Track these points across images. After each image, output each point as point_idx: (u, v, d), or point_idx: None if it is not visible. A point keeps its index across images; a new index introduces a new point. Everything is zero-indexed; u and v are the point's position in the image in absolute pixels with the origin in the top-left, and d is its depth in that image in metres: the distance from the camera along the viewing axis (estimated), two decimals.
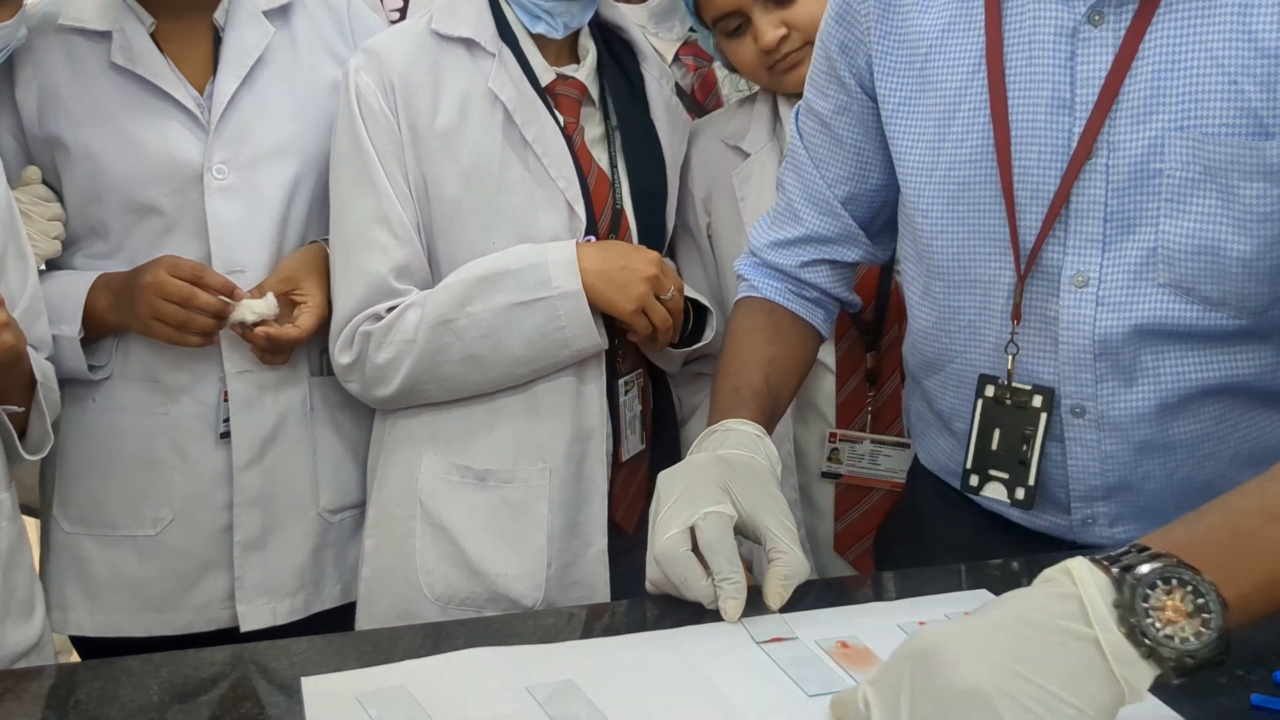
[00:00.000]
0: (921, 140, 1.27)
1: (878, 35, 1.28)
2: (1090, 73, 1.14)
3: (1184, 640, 0.78)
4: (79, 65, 1.62)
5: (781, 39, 1.65)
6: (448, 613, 1.63)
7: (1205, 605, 0.79)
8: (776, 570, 1.10)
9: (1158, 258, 1.14)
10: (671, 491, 1.14)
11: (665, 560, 1.10)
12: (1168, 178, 1.12)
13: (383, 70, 1.60)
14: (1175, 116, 1.10)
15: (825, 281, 1.44)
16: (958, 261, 1.26)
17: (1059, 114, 1.16)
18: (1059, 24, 1.15)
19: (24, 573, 1.41)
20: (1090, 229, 1.17)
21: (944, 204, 1.26)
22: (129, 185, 1.61)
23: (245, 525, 1.67)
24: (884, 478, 1.74)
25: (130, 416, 1.66)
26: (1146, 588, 0.79)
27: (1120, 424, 1.21)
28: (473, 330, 1.59)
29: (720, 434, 1.25)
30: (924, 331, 1.35)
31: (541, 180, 1.62)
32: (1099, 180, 1.15)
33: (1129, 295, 1.16)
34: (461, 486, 1.65)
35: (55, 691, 1.02)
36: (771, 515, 1.13)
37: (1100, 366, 1.20)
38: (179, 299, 1.56)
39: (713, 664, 1.01)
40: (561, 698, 0.96)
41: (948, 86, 1.24)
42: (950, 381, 1.33)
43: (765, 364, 1.36)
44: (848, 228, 1.41)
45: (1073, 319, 1.19)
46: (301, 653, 1.06)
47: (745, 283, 1.47)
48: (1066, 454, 1.24)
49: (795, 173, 1.43)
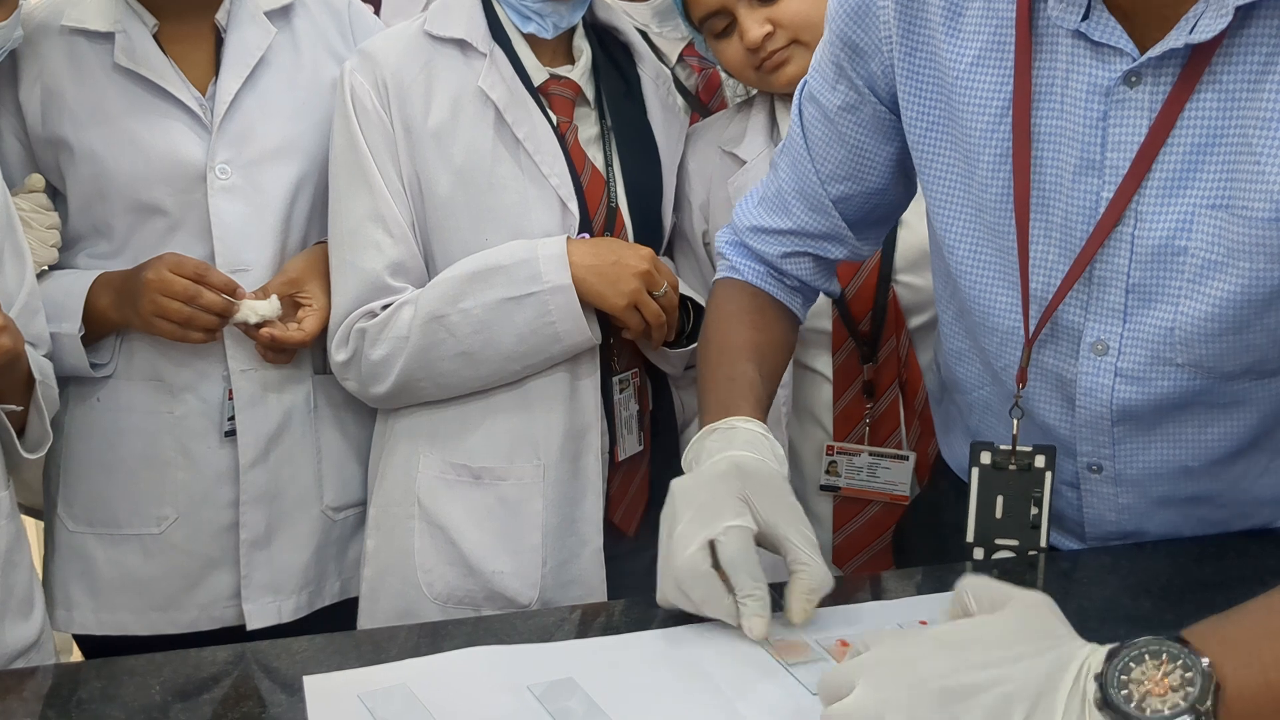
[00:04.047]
0: (951, 171, 1.21)
1: (902, 51, 1.21)
2: (1123, 137, 1.07)
3: (1155, 711, 0.76)
4: (82, 66, 1.63)
5: (767, 36, 1.64)
6: (447, 611, 1.64)
7: (1191, 679, 0.77)
8: (800, 584, 1.05)
9: (1175, 337, 1.10)
10: (689, 503, 1.08)
11: (686, 579, 1.04)
12: (1192, 256, 1.07)
13: (376, 71, 1.61)
14: (1206, 194, 1.05)
15: (806, 274, 1.40)
16: (977, 304, 1.22)
17: (1087, 175, 1.10)
18: (1093, 81, 1.08)
19: (23, 571, 1.41)
20: (1113, 298, 1.12)
21: (970, 245, 1.21)
22: (133, 185, 1.61)
23: (251, 523, 1.68)
24: (883, 490, 1.73)
25: (135, 415, 1.66)
26: (1131, 661, 0.78)
27: (1138, 481, 1.20)
28: (465, 326, 1.59)
29: (725, 432, 1.19)
30: (954, 352, 1.32)
31: (534, 178, 1.62)
32: (1124, 250, 1.10)
33: (1148, 370, 1.12)
34: (458, 485, 1.66)
35: (57, 691, 1.02)
36: (792, 526, 1.07)
37: (1119, 430, 1.17)
38: (183, 297, 1.56)
39: (713, 662, 1.01)
40: (562, 696, 0.96)
41: (974, 125, 1.16)
42: (976, 405, 1.31)
43: (756, 352, 1.31)
44: (835, 227, 1.36)
45: (1091, 386, 1.16)
46: (303, 651, 1.06)
47: (725, 261, 1.42)
48: (1083, 502, 1.23)
49: (790, 160, 1.37)
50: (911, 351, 1.71)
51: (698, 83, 2.03)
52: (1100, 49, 1.07)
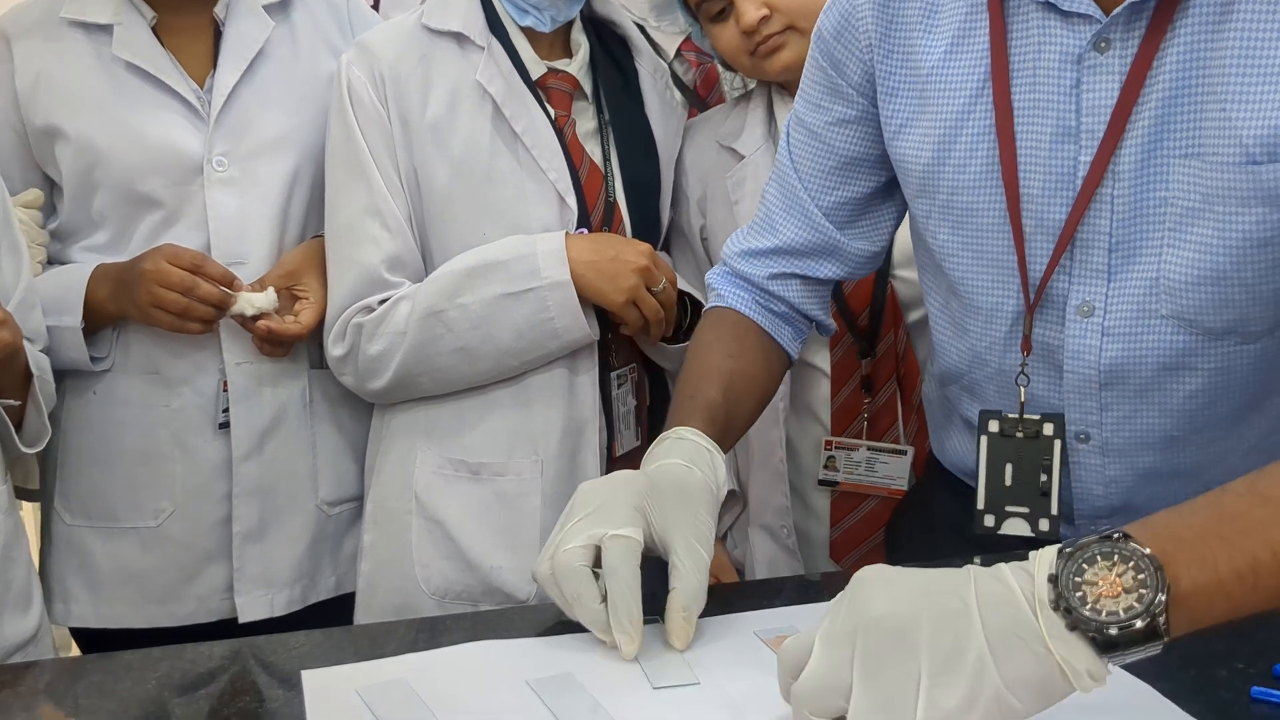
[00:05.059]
0: (920, 159, 1.24)
1: (881, 54, 1.25)
2: (1096, 101, 1.11)
3: (1110, 614, 0.76)
4: (81, 58, 1.63)
5: (763, 20, 1.63)
6: (444, 606, 1.64)
7: (1144, 580, 0.77)
8: (674, 601, 1.03)
9: (1160, 288, 1.12)
10: (586, 504, 1.08)
11: (561, 572, 1.03)
12: (1171, 206, 1.10)
13: (373, 64, 1.61)
14: (1179, 145, 1.08)
15: (794, 296, 1.38)
16: (965, 285, 1.24)
17: (1064, 143, 1.13)
18: (1064, 50, 1.12)
19: (21, 565, 1.41)
20: (1096, 259, 1.15)
21: (949, 228, 1.23)
22: (128, 176, 1.61)
23: (244, 517, 1.68)
24: (882, 484, 1.73)
25: (131, 409, 1.66)
26: (1083, 562, 0.78)
27: (1125, 451, 1.20)
28: (463, 322, 1.59)
29: (670, 442, 1.19)
30: (941, 344, 1.33)
31: (532, 172, 1.62)
32: (1105, 210, 1.13)
33: (1134, 326, 1.15)
34: (456, 480, 1.66)
35: (55, 685, 1.02)
36: (681, 537, 1.06)
37: (1106, 395, 1.18)
38: (180, 288, 1.56)
39: (712, 657, 1.01)
40: (561, 691, 0.96)
41: (950, 107, 1.20)
42: (965, 393, 1.32)
43: (724, 377, 1.29)
44: (826, 238, 1.35)
45: (1078, 349, 1.17)
46: (300, 646, 1.06)
47: (714, 292, 1.41)
48: (1071, 477, 1.24)
49: (778, 184, 1.38)
50: (910, 346, 1.71)
51: (695, 77, 2.03)
52: (1069, 18, 1.11)
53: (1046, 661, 0.77)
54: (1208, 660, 0.98)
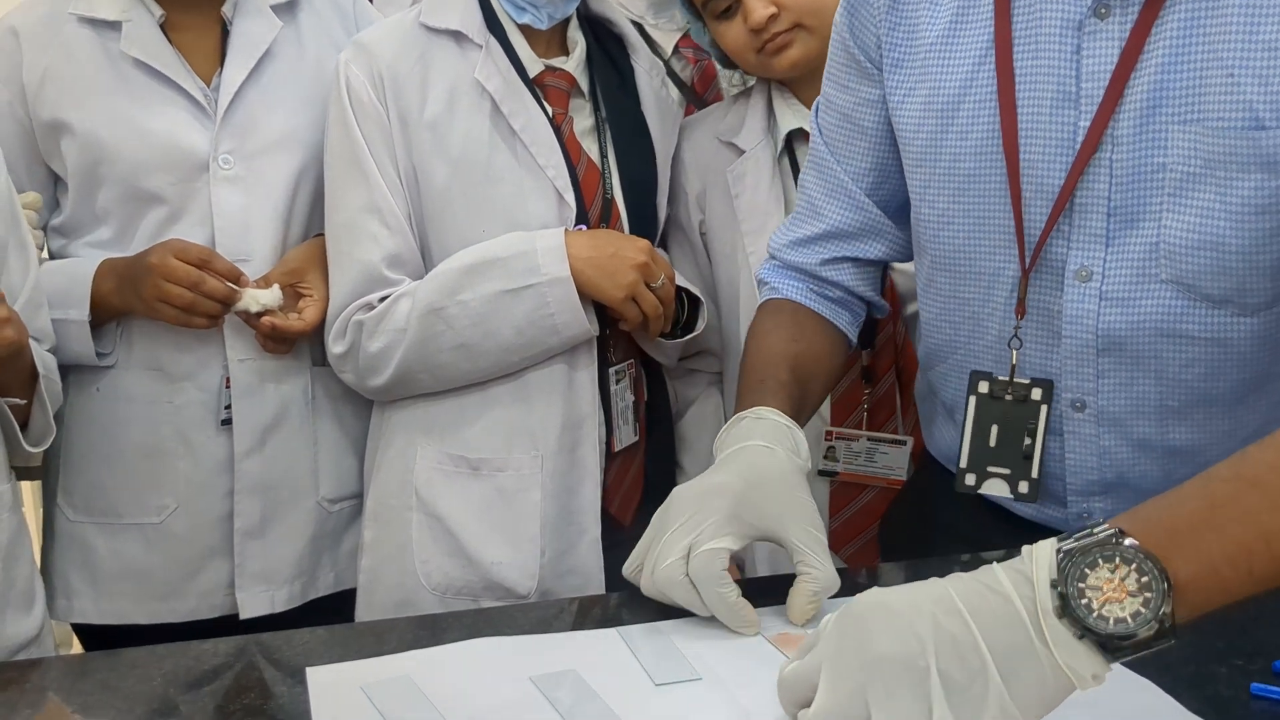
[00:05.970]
0: (923, 130, 1.26)
1: (887, 26, 1.27)
2: (1096, 67, 1.13)
3: (1119, 621, 0.76)
4: (88, 54, 1.63)
5: (771, 18, 1.64)
6: (445, 602, 1.64)
7: (1148, 584, 0.77)
8: (804, 586, 1.08)
9: (1160, 253, 1.13)
10: (680, 513, 1.10)
11: (664, 585, 1.08)
12: (1170, 172, 1.11)
13: (372, 62, 1.61)
14: (1179, 110, 1.10)
15: (848, 279, 1.40)
16: (962, 253, 1.26)
17: (1064, 108, 1.15)
18: (1065, 17, 1.14)
19: (24, 564, 1.41)
20: (1094, 224, 1.16)
21: (949, 195, 1.25)
22: (134, 172, 1.62)
23: (245, 513, 1.68)
24: (881, 475, 1.74)
25: (134, 405, 1.66)
26: (1085, 566, 0.78)
27: (1120, 419, 1.21)
28: (463, 319, 1.59)
29: (749, 422, 1.20)
30: (929, 322, 1.35)
31: (530, 169, 1.62)
32: (1103, 175, 1.14)
33: (1132, 291, 1.16)
34: (456, 476, 1.66)
35: (61, 683, 1.03)
36: (798, 525, 1.10)
37: (1103, 362, 1.19)
38: (186, 282, 1.56)
39: (713, 653, 1.02)
40: (565, 687, 0.97)
41: (954, 77, 1.23)
42: (953, 373, 1.32)
43: (791, 360, 1.31)
44: (872, 219, 1.37)
45: (1076, 314, 1.19)
46: (304, 643, 1.07)
47: (766, 286, 1.43)
48: (1065, 448, 1.24)
49: (816, 169, 1.40)
50: (908, 338, 1.72)
51: (693, 74, 2.03)
52: None
53: (1054, 672, 0.78)
54: (1207, 657, 0.99)
